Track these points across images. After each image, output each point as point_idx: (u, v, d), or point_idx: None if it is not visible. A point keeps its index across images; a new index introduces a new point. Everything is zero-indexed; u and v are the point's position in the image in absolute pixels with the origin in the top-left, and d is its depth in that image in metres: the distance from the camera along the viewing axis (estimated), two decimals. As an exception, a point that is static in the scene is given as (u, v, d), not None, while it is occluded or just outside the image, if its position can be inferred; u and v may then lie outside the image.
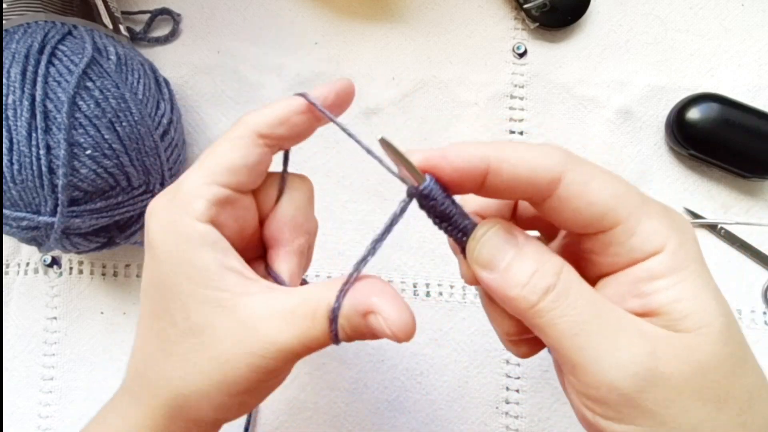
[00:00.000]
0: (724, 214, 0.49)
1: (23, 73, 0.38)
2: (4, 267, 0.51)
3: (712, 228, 0.48)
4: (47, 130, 0.38)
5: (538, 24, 0.50)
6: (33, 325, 0.50)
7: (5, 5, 0.42)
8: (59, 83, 0.38)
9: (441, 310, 0.48)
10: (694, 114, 0.46)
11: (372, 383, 0.48)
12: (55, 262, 0.50)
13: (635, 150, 0.49)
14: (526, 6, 0.49)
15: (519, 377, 0.47)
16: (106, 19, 0.46)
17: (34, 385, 0.49)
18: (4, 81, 0.38)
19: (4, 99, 0.38)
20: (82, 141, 0.38)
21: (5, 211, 0.39)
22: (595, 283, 0.26)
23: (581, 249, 0.26)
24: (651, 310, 0.24)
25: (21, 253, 0.51)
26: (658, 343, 0.23)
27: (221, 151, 0.28)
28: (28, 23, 0.41)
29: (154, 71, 0.46)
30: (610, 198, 0.24)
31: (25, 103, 0.38)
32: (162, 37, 0.52)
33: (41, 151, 0.37)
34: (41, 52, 0.39)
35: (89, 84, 0.39)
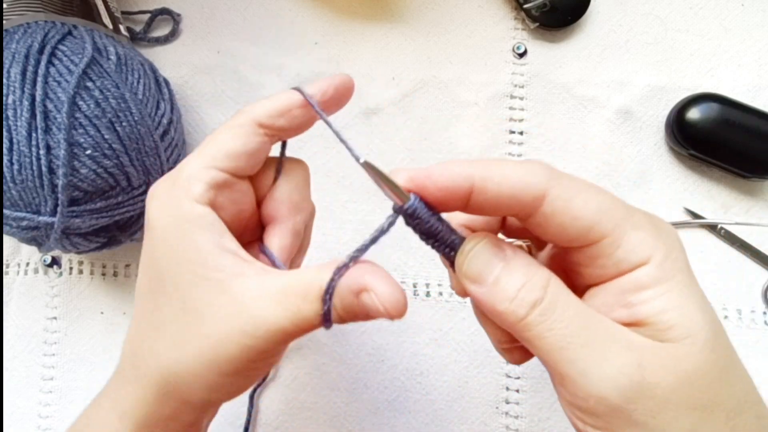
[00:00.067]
0: (724, 214, 0.49)
1: (23, 73, 0.38)
2: (4, 267, 0.51)
3: (712, 228, 0.48)
4: (47, 130, 0.38)
5: (538, 24, 0.50)
6: (33, 325, 0.50)
7: (5, 5, 0.42)
8: (59, 83, 0.38)
9: (441, 310, 0.48)
10: (694, 114, 0.46)
11: (372, 383, 0.48)
12: (55, 262, 0.50)
13: (635, 150, 0.49)
14: (526, 6, 0.49)
15: (519, 377, 0.47)
16: (106, 19, 0.46)
17: (34, 385, 0.49)
18: (4, 81, 0.38)
19: (4, 99, 0.38)
20: (82, 141, 0.38)
21: (5, 211, 0.39)
22: (584, 293, 0.26)
23: (569, 261, 0.26)
24: (638, 320, 0.24)
25: (21, 253, 0.51)
26: (645, 354, 0.23)
27: (221, 138, 0.29)
28: (28, 23, 0.41)
29: (154, 71, 0.46)
30: (594, 212, 0.24)
31: (25, 103, 0.38)
32: (162, 37, 0.52)
33: (41, 151, 0.37)
34: (41, 52, 0.39)
35: (89, 84, 0.39)
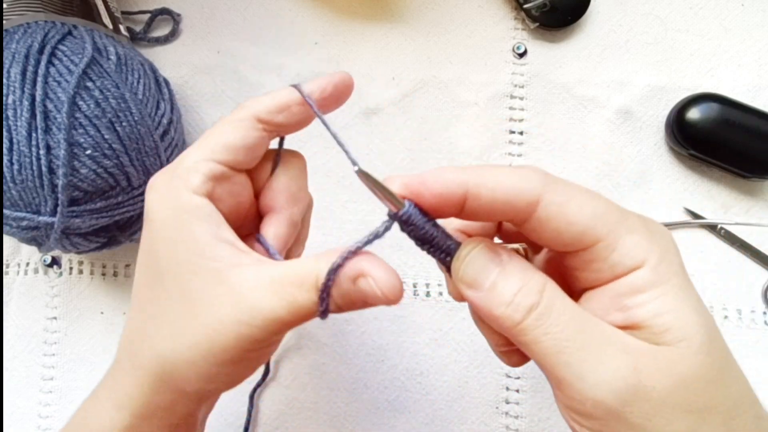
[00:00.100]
0: (724, 214, 0.49)
1: (23, 73, 0.38)
2: (4, 267, 0.51)
3: (712, 228, 0.48)
4: (47, 130, 0.38)
5: (538, 24, 0.50)
6: (33, 325, 0.50)
7: (5, 5, 0.42)
8: (59, 83, 0.38)
9: (441, 310, 0.48)
10: (694, 114, 0.46)
11: (372, 383, 0.48)
12: (55, 262, 0.50)
13: (635, 150, 0.49)
14: (526, 6, 0.49)
15: (519, 377, 0.47)
16: (106, 19, 0.46)
17: (34, 385, 0.49)
18: (4, 81, 0.38)
19: (4, 99, 0.38)
20: (82, 141, 0.38)
21: (5, 211, 0.39)
22: (580, 297, 0.26)
23: (564, 265, 0.27)
24: (633, 323, 0.24)
25: (21, 253, 0.51)
26: (640, 357, 0.23)
27: (220, 132, 0.29)
28: (28, 23, 0.41)
29: (154, 71, 0.46)
30: (589, 217, 0.24)
31: (25, 103, 0.38)
32: (162, 37, 0.52)
33: (41, 151, 0.37)
34: (41, 52, 0.39)
35: (89, 84, 0.39)
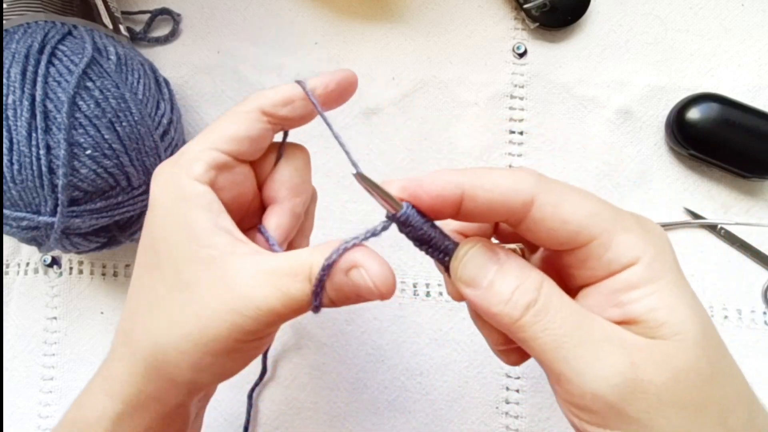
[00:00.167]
0: (724, 214, 0.49)
1: (23, 73, 0.38)
2: (4, 267, 0.51)
3: (712, 228, 0.48)
4: (47, 130, 0.38)
5: (538, 24, 0.50)
6: (33, 325, 0.50)
7: (5, 5, 0.42)
8: (59, 83, 0.38)
9: (441, 310, 0.48)
10: (694, 114, 0.46)
11: (372, 383, 0.48)
12: (55, 262, 0.50)
13: (635, 150, 0.49)
14: (526, 6, 0.49)
15: (519, 377, 0.47)
16: (106, 19, 0.46)
17: (34, 385, 0.49)
18: (4, 81, 0.38)
19: (4, 99, 0.38)
20: (82, 141, 0.38)
21: (5, 211, 0.39)
22: (576, 294, 0.27)
23: (561, 263, 0.27)
24: (630, 318, 0.24)
25: (21, 253, 0.51)
26: (637, 352, 0.23)
27: (225, 123, 0.30)
28: (28, 23, 0.41)
29: (154, 71, 0.46)
30: (583, 216, 0.25)
31: (25, 103, 0.38)
32: (162, 37, 0.52)
33: (41, 151, 0.38)
34: (41, 52, 0.39)
35: (89, 84, 0.39)
